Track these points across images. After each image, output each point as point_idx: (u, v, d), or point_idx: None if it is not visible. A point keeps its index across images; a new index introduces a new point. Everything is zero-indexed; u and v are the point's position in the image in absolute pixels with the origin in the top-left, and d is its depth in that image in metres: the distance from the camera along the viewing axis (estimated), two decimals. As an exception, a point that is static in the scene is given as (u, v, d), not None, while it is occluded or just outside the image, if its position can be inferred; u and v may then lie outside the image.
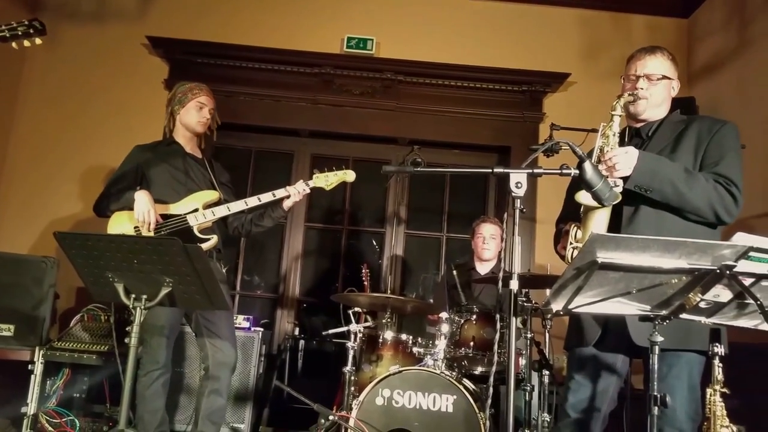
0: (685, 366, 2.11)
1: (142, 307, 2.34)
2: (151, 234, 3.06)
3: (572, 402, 2.27)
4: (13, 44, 2.59)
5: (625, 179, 2.09)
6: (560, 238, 2.38)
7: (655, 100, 2.29)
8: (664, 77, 2.29)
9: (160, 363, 3.06)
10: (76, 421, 3.75)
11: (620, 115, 2.22)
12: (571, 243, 2.11)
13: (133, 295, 2.34)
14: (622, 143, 2.24)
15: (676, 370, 2.10)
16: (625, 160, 2.09)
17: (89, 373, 3.87)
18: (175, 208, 3.18)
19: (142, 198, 3.06)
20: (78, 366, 3.80)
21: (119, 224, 3.13)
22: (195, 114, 3.32)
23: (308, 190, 3.30)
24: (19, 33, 2.56)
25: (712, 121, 2.27)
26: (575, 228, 2.12)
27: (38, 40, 2.62)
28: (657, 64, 2.30)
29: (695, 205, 2.11)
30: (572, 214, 2.34)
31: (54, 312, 4.14)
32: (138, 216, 3.04)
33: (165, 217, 3.14)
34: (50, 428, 3.66)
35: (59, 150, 4.87)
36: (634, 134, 2.36)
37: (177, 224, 3.14)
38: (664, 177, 2.08)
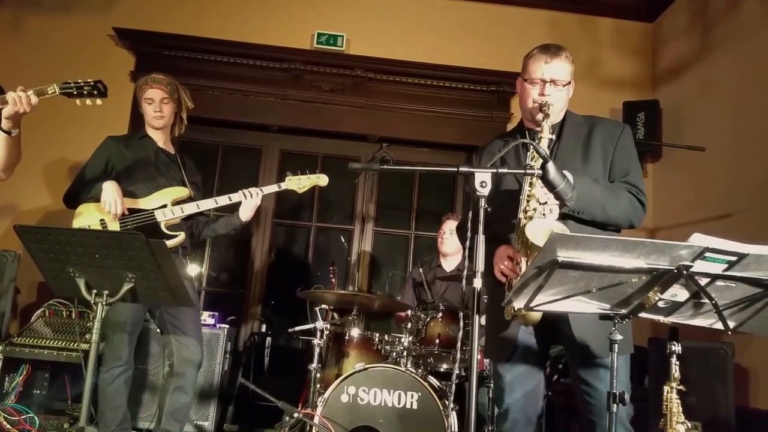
0: (622, 365, 2.14)
1: (104, 302, 2.30)
2: (117, 226, 3.02)
3: (509, 402, 2.29)
4: (77, 101, 2.76)
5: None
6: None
7: (558, 107, 2.25)
8: (569, 82, 2.26)
9: (122, 359, 3.02)
10: (36, 418, 3.67)
11: (550, 138, 2.17)
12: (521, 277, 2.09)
13: (95, 291, 2.30)
14: (525, 146, 2.23)
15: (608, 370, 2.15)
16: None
17: (50, 370, 3.80)
18: (143, 203, 3.14)
19: (108, 187, 3.00)
20: (38, 362, 3.73)
21: (85, 215, 3.07)
22: (147, 110, 3.25)
23: (260, 199, 3.27)
24: (85, 92, 2.74)
25: (611, 124, 2.33)
26: (524, 260, 2.09)
27: (99, 101, 2.78)
28: (563, 70, 2.23)
29: (617, 221, 2.21)
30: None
31: (14, 307, 4.06)
32: (104, 205, 2.98)
33: (132, 211, 3.10)
34: (9, 426, 3.59)
35: (25, 144, 4.73)
36: (537, 138, 2.28)
37: (144, 219, 3.09)
38: (595, 201, 2.12)
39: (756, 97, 3.91)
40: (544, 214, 2.07)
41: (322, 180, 3.36)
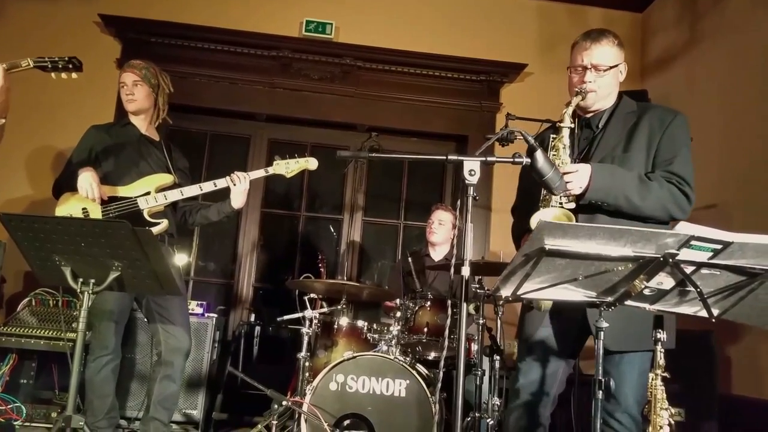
0: (638, 354, 2.17)
1: (90, 291, 2.29)
2: (99, 214, 3.00)
3: (522, 383, 2.31)
4: (52, 75, 2.79)
5: (579, 194, 2.10)
6: (520, 231, 2.41)
7: (603, 92, 2.25)
8: (613, 66, 2.24)
9: (109, 348, 3.02)
10: (23, 407, 3.66)
11: (570, 127, 2.18)
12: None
13: (81, 279, 2.29)
14: (572, 134, 2.23)
15: (630, 357, 2.15)
16: (577, 179, 2.08)
17: (37, 359, 3.78)
18: (126, 191, 3.12)
19: (84, 174, 2.98)
20: (25, 351, 3.71)
21: (67, 204, 3.06)
22: (122, 94, 3.24)
23: (248, 183, 3.21)
24: (60, 66, 2.76)
25: (663, 112, 2.26)
26: None
27: (74, 75, 2.81)
28: (604, 53, 2.21)
29: (649, 213, 2.14)
30: (526, 202, 2.36)
31: (0, 296, 4.03)
32: (81, 191, 2.96)
33: (114, 198, 3.08)
34: (-5, 415, 3.58)
35: (11, 133, 4.66)
36: (584, 125, 2.32)
37: (126, 207, 3.07)
38: (618, 192, 2.09)
39: (743, 88, 3.93)
40: (561, 203, 2.08)
41: (311, 164, 3.29)
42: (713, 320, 1.73)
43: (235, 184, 3.18)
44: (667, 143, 2.19)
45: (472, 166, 1.83)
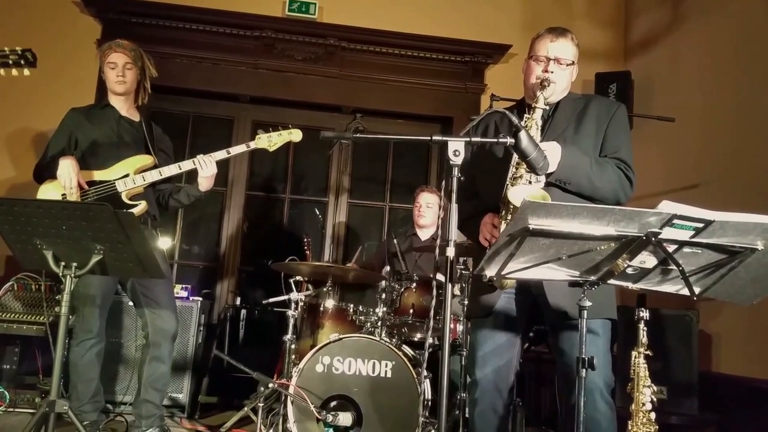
0: (600, 332, 2.18)
1: (73, 275, 2.28)
2: (78, 199, 2.97)
3: (480, 376, 2.30)
4: (1, 71, 2.48)
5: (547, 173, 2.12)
6: (464, 214, 2.40)
7: (561, 86, 2.29)
8: (573, 62, 2.30)
9: (93, 332, 3.01)
10: (6, 393, 3.65)
11: (543, 108, 2.21)
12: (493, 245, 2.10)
13: (63, 263, 2.28)
14: (520, 119, 2.21)
15: (591, 337, 2.16)
16: (551, 156, 2.09)
17: (20, 344, 3.75)
18: (105, 174, 3.08)
19: (65, 164, 2.95)
20: (8, 336, 3.69)
21: (46, 192, 3.04)
22: (110, 75, 3.18)
23: (214, 167, 3.17)
24: (10, 62, 2.46)
25: (607, 103, 2.39)
26: (504, 223, 2.12)
27: (27, 71, 2.50)
28: (567, 49, 2.28)
29: (604, 195, 2.21)
30: (470, 186, 2.36)
31: (-18, 281, 3.98)
32: (60, 181, 2.94)
33: (94, 183, 3.05)
34: (-22, 401, 3.56)
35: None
36: (531, 109, 2.32)
37: (104, 190, 3.04)
38: (581, 171, 2.16)
39: (725, 68, 3.95)
40: (530, 182, 2.10)
41: (296, 135, 3.24)
42: (695, 298, 1.75)
43: (202, 168, 3.14)
44: (614, 131, 2.29)
45: (456, 147, 1.83)
